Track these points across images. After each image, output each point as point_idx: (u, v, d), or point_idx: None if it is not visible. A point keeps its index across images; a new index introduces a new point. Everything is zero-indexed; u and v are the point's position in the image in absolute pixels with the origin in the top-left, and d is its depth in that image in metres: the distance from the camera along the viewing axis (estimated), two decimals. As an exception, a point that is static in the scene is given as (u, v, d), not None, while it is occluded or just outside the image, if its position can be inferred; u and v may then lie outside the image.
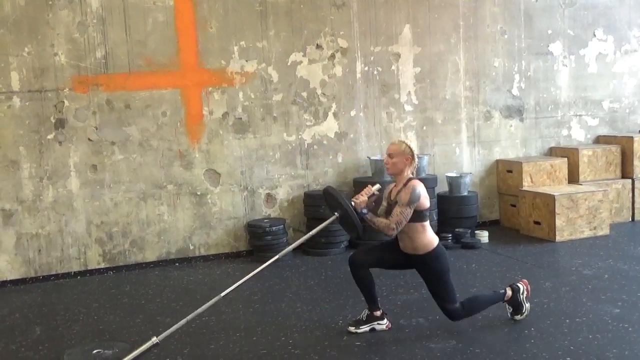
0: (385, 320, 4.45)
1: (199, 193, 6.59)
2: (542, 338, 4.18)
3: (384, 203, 4.45)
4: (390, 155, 4.32)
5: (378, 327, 4.41)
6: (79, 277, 6.27)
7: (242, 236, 6.74)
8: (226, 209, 6.70)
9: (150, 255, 6.51)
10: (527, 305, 4.51)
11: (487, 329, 4.40)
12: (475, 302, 4.43)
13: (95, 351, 4.08)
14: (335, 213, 4.27)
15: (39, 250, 6.16)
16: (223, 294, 4.09)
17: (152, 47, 6.32)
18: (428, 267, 4.28)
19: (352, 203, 4.20)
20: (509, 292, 4.48)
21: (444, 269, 4.28)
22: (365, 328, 4.40)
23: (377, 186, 4.36)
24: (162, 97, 6.40)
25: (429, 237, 4.27)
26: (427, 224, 4.27)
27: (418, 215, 4.19)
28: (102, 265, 6.37)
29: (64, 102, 6.11)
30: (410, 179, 4.27)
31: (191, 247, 6.63)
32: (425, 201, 4.22)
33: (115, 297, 5.62)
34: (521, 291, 4.51)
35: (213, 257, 6.66)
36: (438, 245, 4.30)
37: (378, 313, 4.43)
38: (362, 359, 4.01)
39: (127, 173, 6.36)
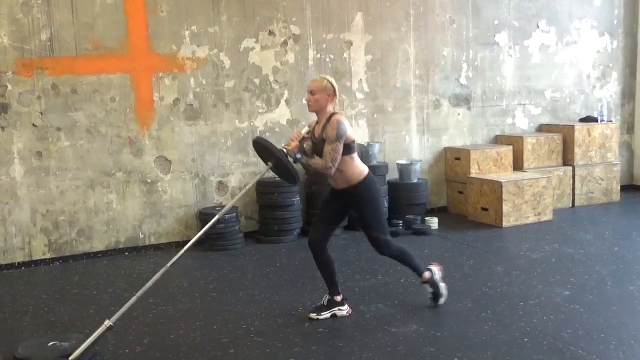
0: (346, 305, 4.48)
1: (149, 181, 6.45)
2: (499, 320, 4.29)
3: (309, 142, 4.40)
4: (311, 92, 4.25)
5: (339, 313, 4.44)
6: (23, 267, 6.05)
7: (193, 224, 6.64)
8: (177, 197, 6.58)
9: (99, 245, 6.34)
10: (442, 284, 4.57)
11: (445, 313, 4.48)
12: (404, 253, 4.50)
13: (50, 343, 3.93)
14: (268, 163, 4.22)
15: (-19, 241, 5.92)
16: (169, 264, 4.02)
17: (100, 30, 6.12)
18: (361, 195, 4.29)
19: (284, 150, 4.17)
20: (427, 274, 4.54)
21: (376, 196, 4.35)
22: (326, 314, 4.41)
23: (306, 129, 4.35)
24: (111, 82, 6.21)
25: (359, 167, 4.29)
26: (355, 155, 4.29)
27: (346, 148, 4.19)
28: (48, 256, 6.16)
29: (6, 85, 5.85)
30: (332, 114, 4.23)
31: (141, 236, 6.48)
32: (351, 133, 4.24)
33: (64, 287, 5.45)
34: (434, 272, 4.57)
35: (164, 246, 6.54)
36: (369, 173, 4.33)
37: (339, 298, 4.45)
38: (326, 345, 4.01)
39: (74, 160, 6.16)
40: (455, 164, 7.66)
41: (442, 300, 4.56)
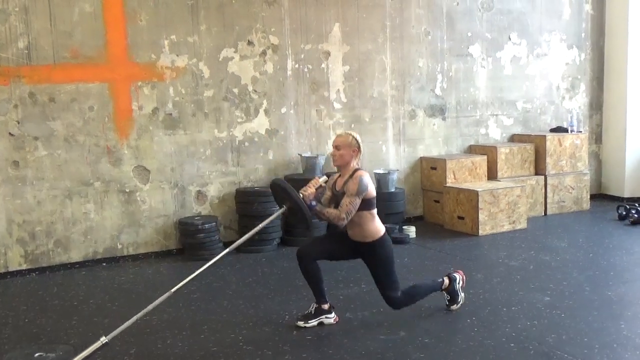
0: (333, 313, 4.51)
1: (127, 190, 6.39)
2: (484, 326, 4.36)
3: (328, 193, 4.52)
4: (337, 147, 4.38)
5: (326, 321, 4.47)
6: (-2, 279, 5.95)
7: (172, 234, 6.60)
8: (156, 207, 6.53)
9: (76, 255, 6.25)
10: (462, 294, 4.72)
11: (431, 319, 4.54)
12: (415, 290, 4.58)
13: (36, 355, 3.88)
14: (284, 205, 4.29)
15: (-45, 252, 5.79)
16: (174, 289, 3.99)
17: (78, 38, 6.07)
18: (375, 254, 4.38)
19: (301, 195, 4.22)
20: (447, 281, 4.68)
21: (390, 257, 4.42)
22: (313, 322, 4.43)
23: (324, 178, 4.44)
24: (89, 90, 6.16)
25: (377, 225, 4.39)
26: (374, 211, 4.38)
27: (366, 204, 4.28)
28: (24, 267, 6.05)
29: (-17, 94, 5.77)
30: (356, 170, 4.35)
31: (119, 246, 6.41)
32: (372, 190, 4.33)
33: (44, 299, 5.35)
34: (457, 280, 4.72)
35: (142, 256, 6.47)
36: (385, 233, 4.42)
37: (326, 306, 4.47)
38: (315, 352, 4.03)
39: (52, 169, 6.08)
40: (431, 174, 7.76)
41: (455, 307, 4.67)
